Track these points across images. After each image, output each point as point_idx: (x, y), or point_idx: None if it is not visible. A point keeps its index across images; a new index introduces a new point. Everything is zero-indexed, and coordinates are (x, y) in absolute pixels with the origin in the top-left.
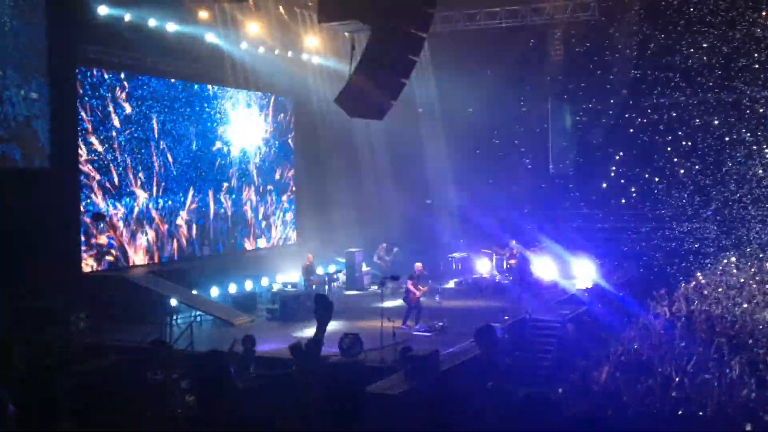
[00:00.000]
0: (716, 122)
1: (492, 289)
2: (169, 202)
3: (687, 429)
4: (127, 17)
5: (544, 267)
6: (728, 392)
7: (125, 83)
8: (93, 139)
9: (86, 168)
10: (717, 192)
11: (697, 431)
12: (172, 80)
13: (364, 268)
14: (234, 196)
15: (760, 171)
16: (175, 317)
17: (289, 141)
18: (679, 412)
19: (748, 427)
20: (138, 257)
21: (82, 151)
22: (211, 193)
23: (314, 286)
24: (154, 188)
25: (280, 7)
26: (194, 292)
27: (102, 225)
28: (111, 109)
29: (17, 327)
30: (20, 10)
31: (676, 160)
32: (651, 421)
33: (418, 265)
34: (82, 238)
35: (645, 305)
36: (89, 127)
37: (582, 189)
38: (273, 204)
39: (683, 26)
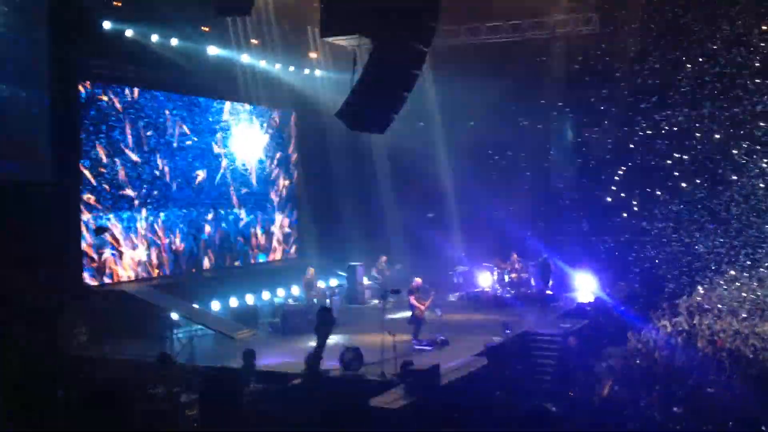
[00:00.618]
0: (717, 136)
1: (493, 302)
2: (171, 216)
3: None
4: (130, 32)
5: (544, 281)
6: (730, 407)
7: (127, 97)
8: (94, 153)
9: (88, 181)
10: (719, 206)
11: None
12: (175, 94)
13: (365, 281)
14: (235, 210)
15: (762, 185)
16: (176, 331)
17: (291, 154)
18: (678, 427)
19: None
20: (139, 271)
21: (84, 165)
22: (212, 207)
23: (315, 300)
24: (156, 201)
25: (283, 21)
26: (195, 305)
27: (104, 238)
28: (113, 122)
29: (17, 339)
30: (22, 23)
31: (677, 174)
32: None
33: (418, 279)
34: (84, 252)
35: (647, 319)
36: (91, 140)
37: (583, 203)
38: (274, 217)
39: (685, 40)
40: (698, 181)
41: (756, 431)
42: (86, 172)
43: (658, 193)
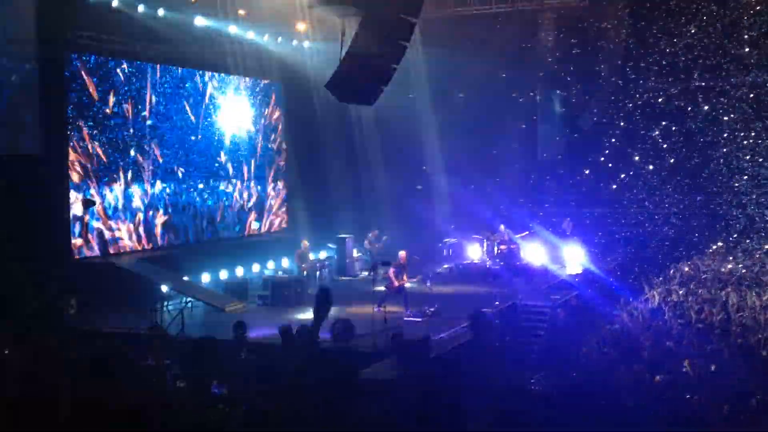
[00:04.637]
0: (706, 108)
1: (483, 274)
2: (160, 189)
3: (674, 413)
4: (116, 2)
5: (534, 252)
6: (718, 377)
7: (114, 68)
8: (82, 125)
9: (76, 154)
10: (707, 179)
11: (685, 415)
12: (162, 65)
13: (355, 254)
14: (225, 182)
15: (748, 157)
16: (166, 303)
17: (280, 127)
18: (663, 397)
19: None
20: (129, 243)
21: (72, 137)
22: (201, 179)
23: (306, 273)
24: (144, 174)
25: None
26: (185, 278)
27: (92, 211)
28: (100, 94)
29: (8, 315)
30: None
31: (665, 146)
32: (638, 405)
33: (402, 253)
34: (72, 224)
35: (635, 291)
36: (78, 112)
37: (571, 175)
38: (264, 190)
39: (673, 12)
40: (687, 153)
41: (743, 402)
42: (74, 144)
43: (646, 164)
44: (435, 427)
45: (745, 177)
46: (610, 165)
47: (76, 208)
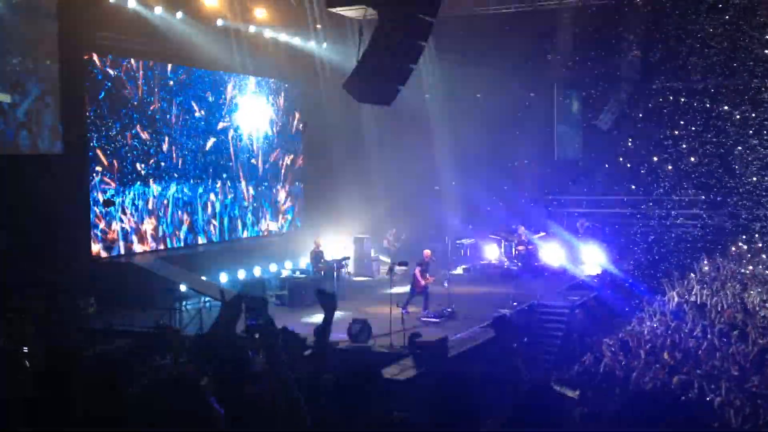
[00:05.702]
0: (726, 108)
1: (500, 275)
2: (178, 188)
3: (692, 415)
4: (135, 3)
5: (552, 253)
6: (737, 380)
7: (134, 69)
8: (103, 125)
9: (97, 154)
10: (727, 178)
11: (702, 418)
12: (181, 66)
13: (373, 254)
14: (242, 182)
15: None
16: (184, 303)
17: (296, 126)
18: (683, 398)
19: None
20: (147, 243)
21: (93, 137)
22: (219, 179)
23: (323, 273)
24: (163, 174)
25: None
26: (203, 278)
27: (112, 210)
28: (121, 95)
29: (27, 312)
30: None
31: (685, 146)
32: (656, 406)
33: (427, 252)
34: (92, 224)
35: (654, 291)
36: (99, 113)
37: (590, 175)
38: (281, 190)
39: (695, 11)
40: (707, 153)
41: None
42: (95, 145)
43: (666, 164)
44: (452, 426)
45: (767, 177)
46: (628, 165)
47: (97, 208)
